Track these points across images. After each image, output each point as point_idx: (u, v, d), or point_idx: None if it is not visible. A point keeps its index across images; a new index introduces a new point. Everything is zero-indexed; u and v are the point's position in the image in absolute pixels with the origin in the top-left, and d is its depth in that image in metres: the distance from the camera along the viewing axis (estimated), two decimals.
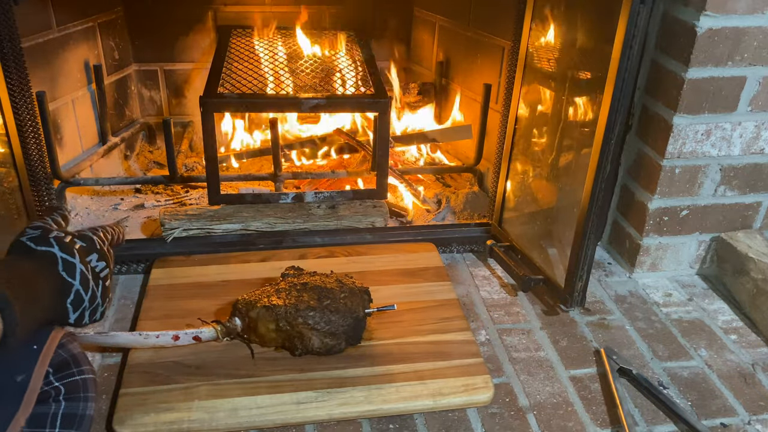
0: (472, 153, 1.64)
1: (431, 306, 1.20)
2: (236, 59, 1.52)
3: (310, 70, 1.51)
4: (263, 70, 1.48)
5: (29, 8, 1.35)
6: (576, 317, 1.25)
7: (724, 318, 1.28)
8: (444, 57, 1.85)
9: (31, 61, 1.21)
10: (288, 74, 1.47)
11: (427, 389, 1.00)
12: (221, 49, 1.58)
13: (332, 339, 1.04)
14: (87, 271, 0.78)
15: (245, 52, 1.57)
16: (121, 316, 1.20)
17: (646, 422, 1.01)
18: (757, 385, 1.11)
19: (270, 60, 1.54)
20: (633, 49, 1.01)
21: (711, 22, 1.14)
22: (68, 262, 0.76)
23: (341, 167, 1.72)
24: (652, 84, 1.29)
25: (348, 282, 1.10)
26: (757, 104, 1.24)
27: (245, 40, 1.66)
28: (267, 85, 1.40)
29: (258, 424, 0.95)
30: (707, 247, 1.39)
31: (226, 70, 1.43)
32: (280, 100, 1.34)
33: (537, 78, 1.28)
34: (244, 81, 1.39)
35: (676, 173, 1.28)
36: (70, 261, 0.76)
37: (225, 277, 1.26)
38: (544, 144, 1.29)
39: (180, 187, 1.68)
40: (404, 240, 1.41)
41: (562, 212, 1.24)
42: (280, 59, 1.56)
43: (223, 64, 1.47)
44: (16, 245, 0.76)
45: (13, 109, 1.17)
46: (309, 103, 1.31)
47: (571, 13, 1.17)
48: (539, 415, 1.02)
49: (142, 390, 0.97)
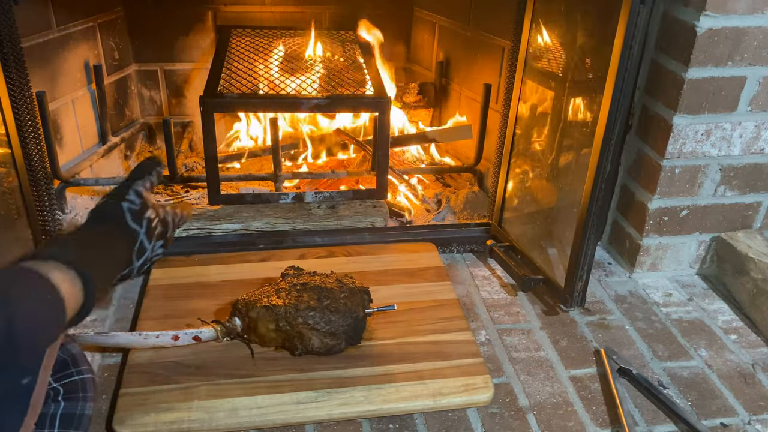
0: (472, 153, 1.64)
1: (431, 306, 1.20)
2: (236, 59, 1.52)
3: (310, 71, 1.51)
4: (263, 70, 1.48)
5: (29, 8, 1.35)
6: (576, 317, 1.25)
7: (724, 318, 1.28)
8: (444, 57, 1.85)
9: (31, 61, 1.21)
10: (288, 74, 1.47)
11: (427, 389, 1.00)
12: (221, 49, 1.58)
13: (332, 339, 1.04)
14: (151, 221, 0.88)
15: (245, 52, 1.57)
16: (121, 316, 1.20)
17: (646, 422, 1.01)
18: (757, 385, 1.11)
19: (270, 60, 1.54)
20: (633, 49, 1.01)
21: (711, 22, 1.14)
22: (135, 212, 0.86)
23: (341, 167, 1.72)
24: (652, 84, 1.29)
25: (348, 282, 1.10)
26: (757, 104, 1.24)
27: (245, 40, 1.67)
28: (267, 85, 1.40)
29: (258, 424, 0.95)
30: (707, 247, 1.39)
31: (226, 70, 1.43)
32: (280, 99, 1.34)
33: (537, 78, 1.28)
34: (244, 81, 1.39)
35: (676, 173, 1.28)
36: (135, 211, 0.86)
37: (225, 277, 1.26)
38: (544, 144, 1.29)
39: (180, 187, 1.68)
40: (404, 240, 1.41)
41: (562, 212, 1.24)
42: (280, 59, 1.56)
43: (223, 64, 1.47)
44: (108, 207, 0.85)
45: (13, 109, 1.17)
46: (309, 103, 1.31)
47: (571, 13, 1.17)
48: (539, 415, 1.02)
49: (142, 390, 0.97)
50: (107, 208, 0.85)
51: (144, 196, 0.88)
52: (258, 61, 1.52)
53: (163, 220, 0.90)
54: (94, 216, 0.83)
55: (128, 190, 0.87)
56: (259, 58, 1.54)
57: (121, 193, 0.86)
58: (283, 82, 1.42)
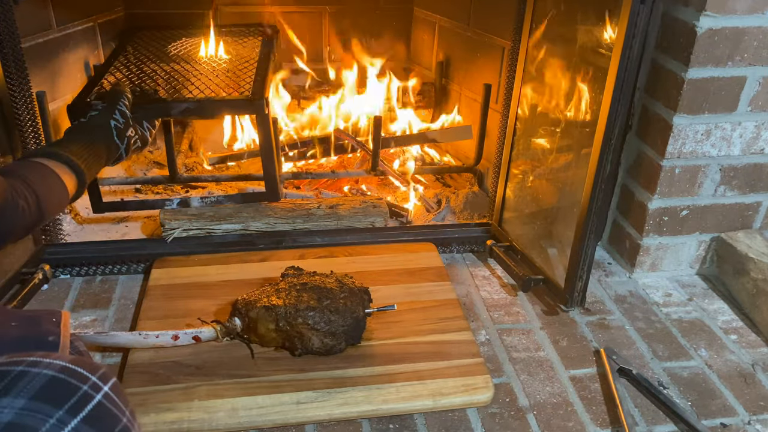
0: (472, 153, 1.64)
1: (431, 306, 1.20)
2: (126, 63, 1.43)
3: (198, 73, 1.40)
4: (150, 74, 1.37)
5: (29, 8, 1.35)
6: (576, 317, 1.25)
7: (724, 318, 1.28)
8: (444, 57, 1.86)
9: (31, 61, 1.21)
10: (177, 78, 1.36)
11: (427, 389, 1.00)
12: (114, 53, 1.51)
13: (332, 339, 1.03)
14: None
15: (140, 56, 1.48)
16: (121, 316, 1.20)
17: (646, 422, 1.01)
18: (757, 385, 1.11)
19: (161, 63, 1.43)
20: (633, 49, 1.01)
21: (711, 22, 1.14)
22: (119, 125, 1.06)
23: (341, 167, 1.72)
24: (652, 84, 1.29)
25: (348, 282, 1.10)
26: (757, 104, 1.24)
27: (146, 42, 1.57)
28: (148, 90, 1.28)
29: (258, 424, 0.95)
30: (707, 247, 1.39)
31: (108, 75, 1.34)
32: (148, 104, 1.21)
33: (537, 78, 1.28)
34: (128, 84, 1.25)
35: (676, 173, 1.28)
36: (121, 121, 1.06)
37: (225, 277, 1.26)
38: (544, 144, 1.29)
39: (180, 187, 1.68)
40: (404, 240, 1.41)
41: (562, 212, 1.24)
42: (172, 62, 1.45)
43: (108, 69, 1.38)
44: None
45: (13, 109, 1.17)
46: (178, 107, 1.21)
47: (571, 13, 1.17)
48: (539, 415, 1.02)
49: (142, 390, 0.97)
50: (97, 122, 1.03)
51: (127, 116, 1.07)
52: (149, 65, 1.42)
53: (142, 137, 1.13)
54: (83, 128, 1.02)
55: (114, 109, 1.05)
56: (150, 62, 1.45)
57: (109, 111, 1.05)
58: (169, 85, 1.31)
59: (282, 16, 1.86)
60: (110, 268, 1.32)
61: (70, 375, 0.54)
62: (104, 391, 0.55)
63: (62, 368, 0.54)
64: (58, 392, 0.53)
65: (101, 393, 0.55)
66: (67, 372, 0.54)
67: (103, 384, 0.56)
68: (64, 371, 0.54)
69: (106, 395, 0.55)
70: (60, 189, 0.90)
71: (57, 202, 0.90)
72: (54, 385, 0.53)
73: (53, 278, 1.29)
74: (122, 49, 1.54)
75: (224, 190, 1.64)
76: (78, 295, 1.26)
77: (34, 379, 0.53)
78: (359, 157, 1.72)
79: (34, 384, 0.52)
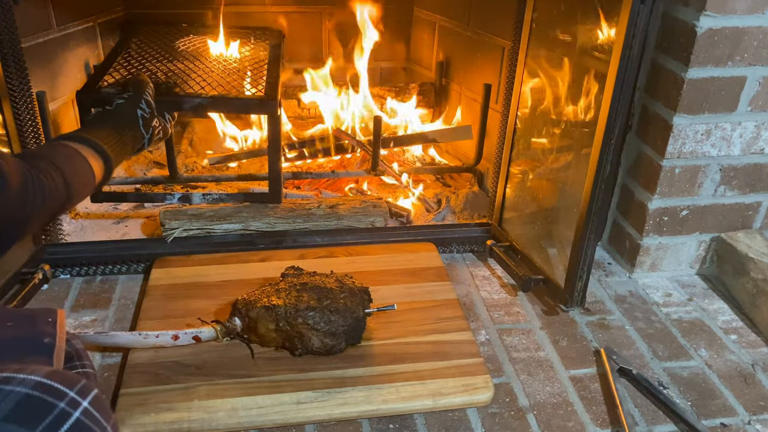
0: (472, 153, 1.64)
1: (431, 306, 1.20)
2: (133, 56, 1.41)
3: (208, 70, 1.39)
4: (159, 67, 1.36)
5: (29, 8, 1.35)
6: (576, 317, 1.25)
7: (724, 318, 1.28)
8: (444, 57, 1.86)
9: (31, 61, 1.21)
10: (186, 73, 1.35)
11: (427, 389, 1.00)
12: (120, 44, 1.49)
13: (332, 339, 1.03)
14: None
15: (146, 49, 1.46)
16: (121, 316, 1.20)
17: (646, 422, 1.01)
18: (757, 385, 1.11)
19: (169, 58, 1.42)
20: (633, 49, 1.01)
21: (711, 22, 1.14)
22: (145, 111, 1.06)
23: (341, 167, 1.72)
24: (652, 84, 1.29)
25: (348, 282, 1.10)
26: (757, 104, 1.24)
27: (151, 37, 1.55)
28: (169, 83, 1.28)
29: (258, 424, 0.95)
30: (707, 247, 1.39)
31: (117, 65, 1.33)
32: (160, 97, 1.19)
33: (537, 78, 1.28)
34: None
35: (676, 173, 1.28)
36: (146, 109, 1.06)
37: (225, 277, 1.26)
38: (544, 144, 1.29)
39: (180, 187, 1.68)
40: (404, 240, 1.41)
41: (562, 212, 1.25)
42: (180, 58, 1.44)
43: (116, 59, 1.36)
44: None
45: (13, 109, 1.17)
46: (191, 102, 1.23)
47: (571, 13, 1.17)
48: (539, 415, 1.02)
49: (142, 390, 0.97)
50: (124, 110, 1.04)
51: (152, 105, 1.07)
52: (157, 59, 1.41)
53: (164, 128, 1.13)
54: (110, 114, 1.03)
55: (140, 98, 1.05)
56: (159, 56, 1.43)
57: (135, 100, 1.05)
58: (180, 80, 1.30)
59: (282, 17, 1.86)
60: (110, 268, 1.32)
61: (45, 391, 0.51)
62: (83, 407, 0.52)
63: (36, 384, 0.51)
64: (32, 412, 0.50)
65: (80, 409, 0.52)
66: (42, 388, 0.51)
67: (82, 399, 0.53)
68: (38, 387, 0.51)
69: (85, 411, 0.52)
70: (86, 171, 0.88)
71: (84, 182, 0.88)
72: (28, 404, 0.50)
73: (53, 278, 1.29)
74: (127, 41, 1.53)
75: (224, 191, 1.64)
76: (78, 295, 1.26)
77: (7, 398, 0.50)
78: (359, 157, 1.72)
79: (6, 404, 0.49)
